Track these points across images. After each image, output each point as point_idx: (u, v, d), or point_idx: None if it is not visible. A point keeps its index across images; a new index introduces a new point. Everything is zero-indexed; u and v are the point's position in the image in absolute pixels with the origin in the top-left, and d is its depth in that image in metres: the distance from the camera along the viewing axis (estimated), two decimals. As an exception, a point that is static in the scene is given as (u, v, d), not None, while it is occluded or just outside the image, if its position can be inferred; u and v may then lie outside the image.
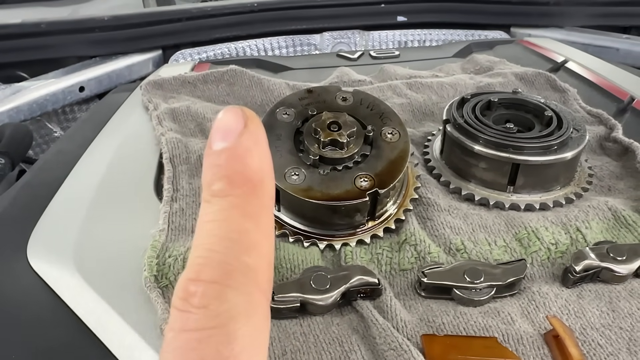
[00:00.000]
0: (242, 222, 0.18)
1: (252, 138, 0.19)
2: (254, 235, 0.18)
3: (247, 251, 0.18)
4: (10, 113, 0.93)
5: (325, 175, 0.51)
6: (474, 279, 0.45)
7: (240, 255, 0.17)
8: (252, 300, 0.17)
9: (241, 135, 0.18)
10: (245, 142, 0.18)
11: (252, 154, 0.18)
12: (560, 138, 0.56)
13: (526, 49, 1.01)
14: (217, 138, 0.18)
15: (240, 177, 0.18)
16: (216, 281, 0.17)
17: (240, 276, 0.17)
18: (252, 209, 0.18)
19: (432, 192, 0.58)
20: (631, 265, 0.47)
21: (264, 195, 0.19)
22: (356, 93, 0.58)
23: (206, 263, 0.17)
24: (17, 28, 1.07)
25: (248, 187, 0.18)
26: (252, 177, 0.18)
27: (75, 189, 0.61)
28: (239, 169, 0.18)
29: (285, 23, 1.17)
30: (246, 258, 0.18)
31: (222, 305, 0.16)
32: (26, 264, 0.51)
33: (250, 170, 0.18)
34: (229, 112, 0.19)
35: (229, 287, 0.17)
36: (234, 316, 0.16)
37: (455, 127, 0.59)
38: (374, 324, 0.42)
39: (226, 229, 0.18)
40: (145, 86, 0.80)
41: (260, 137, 0.19)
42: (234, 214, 0.18)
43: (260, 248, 0.18)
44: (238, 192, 0.18)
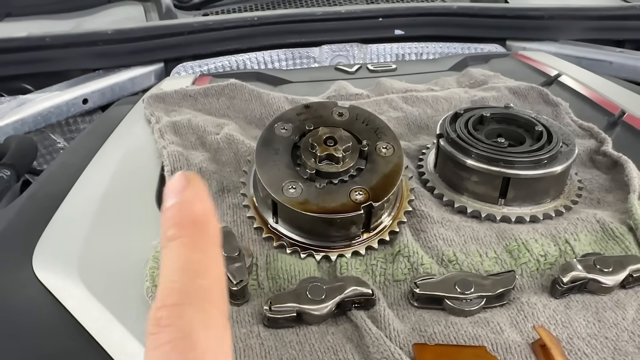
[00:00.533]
0: (193, 254, 0.22)
1: (193, 191, 0.23)
2: (205, 262, 0.22)
3: (199, 275, 0.22)
4: (15, 125, 0.95)
5: (321, 189, 0.52)
6: (464, 290, 0.47)
7: (194, 279, 0.22)
8: (209, 314, 0.21)
9: (185, 191, 0.23)
10: (188, 195, 0.23)
11: (194, 203, 0.23)
12: (550, 152, 0.58)
13: (521, 63, 1.03)
14: (168, 197, 0.23)
15: (187, 221, 0.23)
16: (176, 304, 0.21)
17: (196, 296, 0.21)
18: (200, 244, 0.23)
19: (426, 205, 0.59)
20: (617, 276, 0.48)
21: (209, 232, 0.23)
22: (352, 108, 0.60)
23: (168, 292, 0.21)
24: (22, 41, 1.10)
25: (195, 227, 0.23)
26: (196, 219, 0.23)
27: (80, 201, 0.63)
28: (186, 214, 0.23)
29: (285, 36, 1.19)
30: (199, 280, 0.22)
31: (184, 320, 0.20)
32: (32, 274, 0.53)
33: (195, 214, 0.23)
34: (175, 177, 0.24)
35: (187, 305, 0.21)
36: (193, 327, 0.20)
37: (448, 141, 0.61)
38: (368, 334, 0.44)
39: (180, 261, 0.22)
40: (148, 99, 0.82)
41: (200, 190, 0.24)
42: (186, 250, 0.22)
43: (211, 271, 0.22)
44: (187, 232, 0.23)
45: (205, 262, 0.22)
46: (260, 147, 0.56)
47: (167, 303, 0.21)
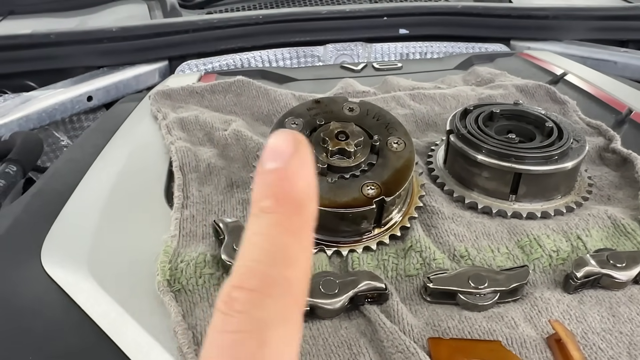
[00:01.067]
0: (285, 237, 0.20)
1: (300, 162, 0.20)
2: (295, 250, 0.20)
3: (287, 265, 0.19)
4: (20, 122, 0.95)
5: (333, 183, 0.52)
6: (478, 285, 0.47)
7: (280, 269, 0.19)
8: (287, 310, 0.19)
9: (291, 158, 0.20)
10: (294, 165, 0.20)
11: (299, 177, 0.20)
12: (560, 148, 0.58)
13: (526, 62, 1.03)
14: (269, 158, 0.20)
15: (286, 197, 0.20)
16: (257, 290, 0.19)
17: (278, 287, 0.19)
18: (294, 227, 0.20)
19: (437, 201, 0.59)
20: (630, 272, 0.48)
21: (306, 214, 0.20)
22: (362, 104, 0.60)
23: (249, 272, 0.19)
24: (27, 38, 1.09)
25: (293, 206, 0.20)
26: (297, 198, 0.20)
27: (88, 196, 0.63)
28: (287, 189, 0.20)
29: (290, 35, 1.19)
30: (285, 271, 0.19)
31: (260, 312, 0.18)
32: (40, 268, 0.52)
33: (297, 191, 0.20)
34: (282, 135, 0.20)
35: (268, 296, 0.19)
36: (268, 323, 0.18)
37: (458, 137, 0.61)
38: (382, 328, 0.43)
39: (270, 242, 0.19)
40: (154, 96, 0.81)
41: (308, 161, 0.20)
42: (279, 230, 0.20)
43: (299, 263, 0.20)
44: (283, 210, 0.20)
45: (296, 250, 0.20)
46: (271, 142, 0.55)
47: (246, 285, 0.19)
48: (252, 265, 0.19)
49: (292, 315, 0.19)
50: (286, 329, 0.19)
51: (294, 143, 0.20)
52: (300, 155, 0.20)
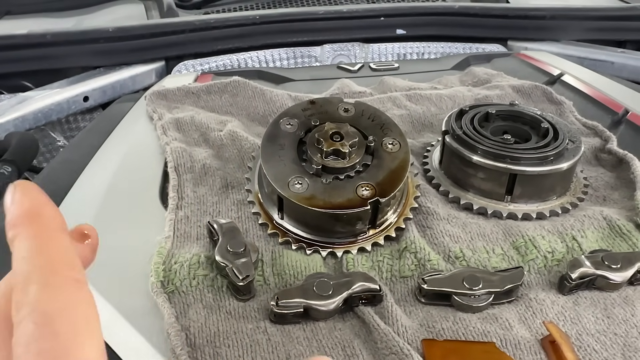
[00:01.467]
0: (27, 242, 0.23)
1: (19, 193, 0.24)
2: (40, 245, 0.23)
3: (36, 256, 0.22)
4: (16, 122, 0.95)
5: (327, 184, 0.52)
6: (472, 286, 0.47)
7: (31, 262, 0.22)
8: (47, 280, 0.21)
9: (12, 198, 0.24)
10: (16, 199, 0.23)
11: (23, 201, 0.23)
12: (556, 149, 0.58)
13: (523, 62, 1.03)
14: (6, 212, 0.23)
15: (19, 218, 0.23)
16: (21, 287, 0.21)
17: (35, 273, 0.21)
18: (32, 231, 0.23)
19: (432, 202, 0.59)
20: (625, 273, 0.48)
21: (45, 220, 0.24)
22: (358, 104, 0.60)
23: (16, 284, 0.22)
24: (23, 39, 1.09)
25: (27, 220, 0.23)
26: (28, 213, 0.23)
27: (82, 197, 0.62)
28: (17, 214, 0.23)
29: (287, 35, 1.19)
30: (35, 261, 0.22)
31: (27, 297, 0.21)
32: None
33: (25, 210, 0.23)
34: (6, 198, 0.24)
35: (28, 284, 0.21)
36: (37, 299, 0.21)
37: (454, 138, 0.61)
38: (376, 329, 0.43)
39: (20, 255, 0.22)
40: (150, 96, 0.81)
41: (26, 187, 0.24)
42: (23, 243, 0.23)
43: (50, 248, 0.23)
44: (20, 228, 0.23)
45: (41, 244, 0.22)
46: (265, 143, 0.55)
47: (17, 291, 0.21)
48: (17, 274, 0.22)
49: (58, 283, 0.21)
50: (52, 291, 0.21)
51: (12, 187, 0.24)
52: (18, 189, 0.24)
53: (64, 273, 0.22)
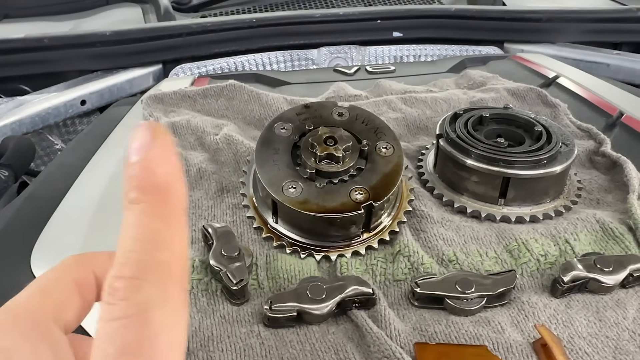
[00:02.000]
0: (154, 224, 0.21)
1: (159, 150, 0.21)
2: (166, 234, 0.21)
3: (159, 249, 0.21)
4: (13, 126, 0.95)
5: (321, 188, 0.52)
6: (465, 289, 0.47)
7: (153, 253, 0.21)
8: (166, 291, 0.20)
9: (150, 149, 0.21)
10: (153, 154, 0.21)
11: (159, 164, 0.21)
12: (549, 152, 0.58)
13: (519, 65, 1.03)
14: (131, 153, 0.21)
15: (150, 185, 0.21)
16: (134, 277, 0.20)
17: (153, 271, 0.20)
18: (162, 212, 0.21)
19: (426, 205, 0.59)
20: (617, 276, 0.48)
21: (173, 198, 0.22)
22: (352, 108, 0.60)
23: (126, 262, 0.20)
24: (20, 42, 1.09)
25: (157, 192, 0.21)
26: (160, 184, 0.21)
27: (78, 201, 0.63)
28: (149, 177, 0.21)
29: (283, 38, 1.19)
30: (159, 255, 0.21)
31: (140, 296, 0.20)
32: (30, 273, 0.52)
33: (159, 178, 0.21)
34: (141, 128, 0.22)
35: (145, 280, 0.20)
36: (149, 305, 0.20)
37: (448, 141, 0.61)
38: (368, 333, 0.44)
39: (141, 231, 0.21)
40: (146, 100, 0.81)
41: (168, 148, 0.22)
42: (147, 218, 0.21)
43: (172, 245, 0.21)
44: (149, 198, 0.21)
45: (166, 234, 0.21)
46: (260, 147, 0.56)
47: (124, 274, 0.20)
48: (127, 254, 0.20)
49: (172, 294, 0.21)
50: (168, 308, 0.20)
51: (151, 134, 0.21)
52: (159, 144, 0.21)
53: (179, 282, 0.21)
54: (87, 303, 0.27)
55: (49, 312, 0.24)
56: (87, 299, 0.26)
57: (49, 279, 0.26)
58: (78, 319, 0.26)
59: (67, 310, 0.25)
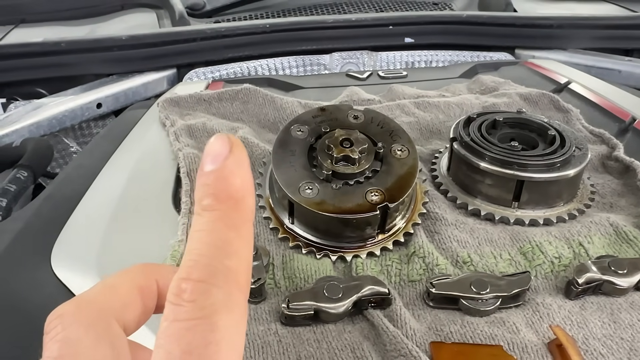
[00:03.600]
0: (226, 231, 0.22)
1: (235, 162, 0.22)
2: (236, 242, 0.22)
3: (229, 256, 0.21)
4: (31, 128, 0.97)
5: (337, 190, 0.53)
6: (480, 290, 0.47)
7: (223, 259, 0.21)
8: (232, 297, 0.21)
9: (226, 159, 0.22)
10: (229, 165, 0.22)
11: (235, 175, 0.22)
12: (563, 156, 0.58)
13: (530, 70, 1.04)
14: (207, 161, 0.22)
15: (224, 195, 0.22)
16: (203, 280, 0.20)
17: (222, 277, 0.21)
18: (234, 221, 0.22)
19: (440, 207, 0.60)
20: (632, 278, 0.49)
21: (245, 209, 0.22)
22: (367, 111, 0.61)
23: (195, 265, 0.21)
24: (38, 46, 1.11)
25: (231, 202, 0.22)
26: (234, 195, 0.22)
27: (97, 201, 0.64)
28: (224, 187, 0.22)
29: (296, 43, 1.21)
30: (228, 262, 0.21)
31: (208, 300, 0.20)
32: (51, 272, 0.53)
33: (233, 188, 0.22)
34: (218, 139, 0.22)
35: (213, 285, 0.20)
36: (217, 309, 0.20)
37: (462, 145, 0.62)
38: (385, 332, 0.44)
39: (212, 237, 0.21)
40: (163, 103, 0.83)
41: (243, 160, 0.22)
42: (219, 225, 0.22)
43: (241, 253, 0.22)
44: (223, 207, 0.22)
45: (237, 242, 0.22)
46: (277, 149, 0.57)
47: (192, 277, 0.20)
48: (197, 258, 0.21)
49: (238, 301, 0.21)
50: (233, 313, 0.21)
51: (229, 145, 0.22)
52: (235, 156, 0.22)
53: (244, 289, 0.21)
54: (148, 310, 0.27)
55: (113, 310, 0.25)
56: (148, 305, 0.27)
57: (116, 280, 0.27)
58: (137, 324, 0.27)
59: (129, 313, 0.26)
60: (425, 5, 1.59)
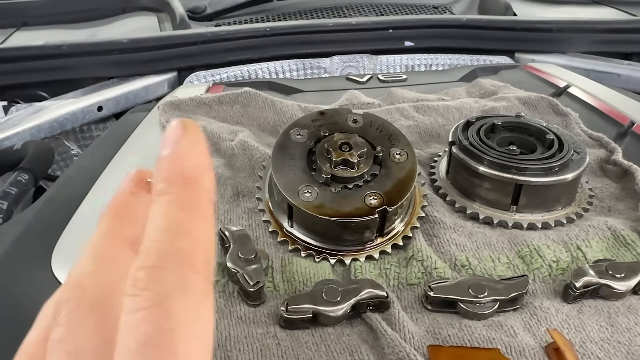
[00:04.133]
0: (177, 213, 0.21)
1: (188, 143, 0.22)
2: (187, 222, 0.21)
3: (180, 237, 0.21)
4: (32, 131, 0.97)
5: (336, 193, 0.53)
6: (478, 294, 0.48)
7: (173, 241, 0.20)
8: (186, 279, 0.20)
9: (178, 142, 0.22)
10: (181, 147, 0.22)
11: (187, 156, 0.22)
12: (561, 160, 0.59)
13: (530, 74, 1.04)
14: (162, 147, 0.22)
15: (177, 177, 0.22)
16: (154, 265, 0.20)
17: (173, 259, 0.20)
18: (186, 202, 0.21)
19: (438, 211, 0.60)
20: (629, 282, 0.49)
21: (198, 188, 0.22)
22: (366, 115, 0.61)
23: (147, 252, 0.20)
24: (39, 50, 1.12)
25: (183, 184, 0.22)
26: (187, 175, 0.22)
27: (97, 204, 0.64)
28: (176, 170, 0.22)
29: (296, 47, 1.21)
30: (179, 243, 0.20)
31: (159, 286, 0.19)
32: (51, 274, 0.54)
33: (186, 169, 0.22)
34: (172, 124, 0.22)
35: (164, 269, 0.20)
36: (169, 294, 0.19)
37: (460, 148, 0.62)
38: (383, 335, 0.44)
39: (163, 220, 0.21)
40: (163, 106, 0.83)
41: (196, 141, 0.22)
42: (171, 208, 0.21)
43: (194, 233, 0.21)
44: (174, 189, 0.21)
45: (189, 222, 0.21)
46: (276, 152, 0.57)
47: (145, 264, 0.20)
48: (150, 244, 0.20)
49: (194, 284, 0.20)
50: (190, 297, 0.20)
51: (182, 129, 0.22)
52: (188, 138, 0.22)
53: (200, 270, 0.20)
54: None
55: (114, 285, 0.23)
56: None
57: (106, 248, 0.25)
58: None
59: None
60: (425, 9, 1.59)
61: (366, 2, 1.60)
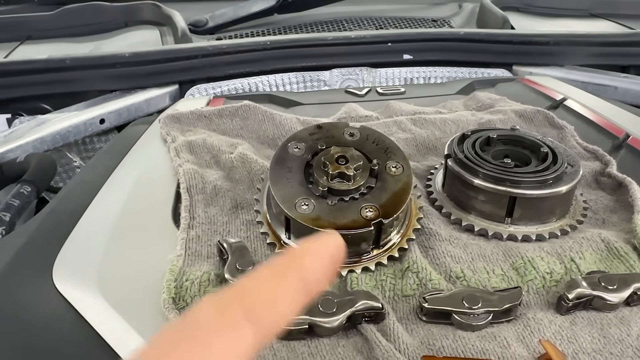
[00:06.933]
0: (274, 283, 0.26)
1: (320, 267, 0.27)
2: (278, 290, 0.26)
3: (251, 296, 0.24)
4: (35, 143, 0.98)
5: (333, 206, 0.54)
6: (472, 305, 0.48)
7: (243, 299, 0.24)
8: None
9: (316, 262, 0.27)
10: (312, 266, 0.27)
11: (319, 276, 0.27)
12: (555, 173, 0.59)
13: (527, 87, 1.05)
14: (305, 248, 0.28)
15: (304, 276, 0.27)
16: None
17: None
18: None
19: (434, 223, 0.61)
20: (622, 294, 0.50)
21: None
22: (363, 129, 0.62)
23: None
24: (43, 63, 1.13)
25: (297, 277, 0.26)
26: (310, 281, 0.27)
27: (98, 216, 0.65)
28: (303, 277, 0.26)
29: (296, 60, 1.22)
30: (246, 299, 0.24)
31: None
32: (52, 285, 0.55)
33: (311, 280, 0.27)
34: (330, 240, 0.28)
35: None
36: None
37: (456, 161, 0.63)
38: (378, 346, 0.45)
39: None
40: (164, 119, 0.84)
41: (327, 274, 0.27)
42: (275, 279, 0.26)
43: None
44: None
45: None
46: (274, 165, 0.58)
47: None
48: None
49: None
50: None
51: (330, 261, 0.27)
52: (326, 266, 0.27)
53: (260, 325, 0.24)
54: None
55: None
56: None
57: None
58: None
59: None
60: (424, 23, 1.61)
61: (365, 16, 1.62)
